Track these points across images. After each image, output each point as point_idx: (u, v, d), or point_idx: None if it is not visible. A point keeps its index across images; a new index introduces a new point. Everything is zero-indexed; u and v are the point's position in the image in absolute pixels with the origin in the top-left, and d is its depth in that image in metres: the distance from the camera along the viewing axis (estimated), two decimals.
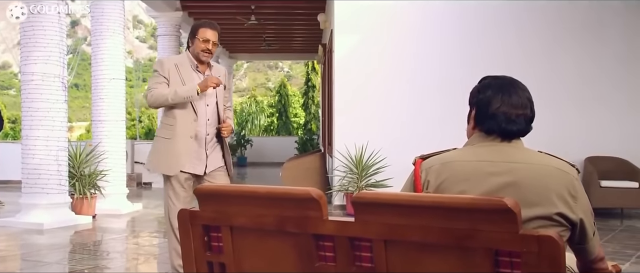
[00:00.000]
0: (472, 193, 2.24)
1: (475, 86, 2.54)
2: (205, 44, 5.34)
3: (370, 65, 10.75)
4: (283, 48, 23.63)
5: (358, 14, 10.83)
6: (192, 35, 5.41)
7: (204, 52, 5.36)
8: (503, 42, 10.71)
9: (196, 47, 5.36)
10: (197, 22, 5.59)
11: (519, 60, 10.39)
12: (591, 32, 10.74)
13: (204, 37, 5.34)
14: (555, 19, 10.76)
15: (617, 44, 10.74)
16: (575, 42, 10.75)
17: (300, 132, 32.50)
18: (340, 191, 10.29)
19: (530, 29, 10.76)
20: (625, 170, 10.21)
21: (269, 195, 2.06)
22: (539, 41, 10.71)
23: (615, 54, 10.78)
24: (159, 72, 5.33)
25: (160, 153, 5.39)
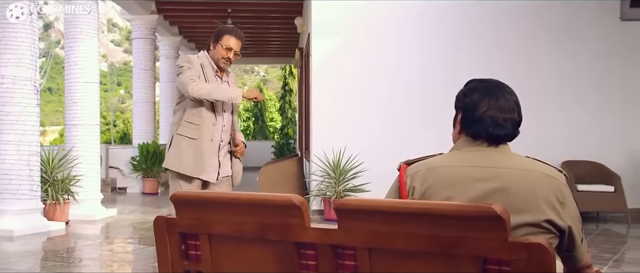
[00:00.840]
0: (459, 199, 2.19)
1: (461, 89, 2.49)
2: (227, 52, 5.20)
3: (348, 69, 10.69)
4: (260, 52, 23.56)
5: (336, 18, 10.77)
6: (215, 40, 5.24)
7: (224, 60, 5.22)
8: (482, 44, 10.70)
9: (217, 53, 5.21)
10: (223, 26, 5.47)
11: (499, 62, 10.39)
12: (568, 33, 10.77)
13: (227, 44, 5.20)
14: (533, 18, 10.77)
15: (593, 45, 10.78)
16: (552, 44, 10.76)
17: (276, 136, 32.44)
18: (318, 196, 10.22)
19: (509, 29, 10.76)
20: (601, 174, 10.24)
21: (249, 201, 1.99)
22: (518, 41, 10.72)
23: (592, 56, 10.82)
24: (188, 67, 5.14)
25: (186, 152, 5.18)
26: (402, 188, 2.35)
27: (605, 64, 10.79)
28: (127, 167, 15.28)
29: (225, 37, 5.20)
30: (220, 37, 5.21)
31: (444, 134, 11.14)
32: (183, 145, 5.19)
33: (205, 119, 5.14)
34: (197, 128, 5.15)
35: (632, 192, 10.29)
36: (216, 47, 5.21)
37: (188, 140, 5.17)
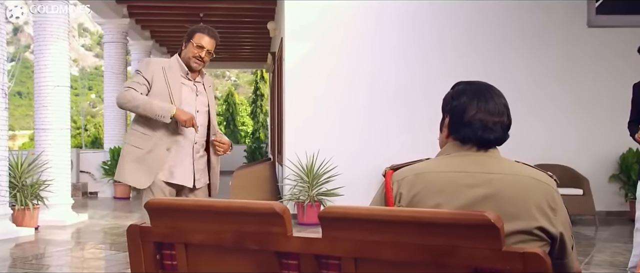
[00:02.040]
0: (448, 206, 2.10)
1: (449, 92, 2.40)
2: (198, 50, 4.92)
3: (321, 73, 10.64)
4: (231, 56, 23.43)
5: (309, 21, 10.72)
6: (187, 39, 5.00)
7: (196, 58, 4.93)
8: (457, 47, 10.75)
9: (188, 52, 4.95)
10: (195, 25, 5.17)
11: (473, 64, 10.45)
12: (538, 38, 10.87)
13: (199, 42, 4.94)
14: (505, 23, 10.86)
15: (561, 51, 10.89)
16: (524, 49, 10.86)
17: (248, 141, 32.36)
18: (291, 200, 10.15)
19: (483, 32, 10.82)
20: (570, 177, 10.25)
21: (227, 209, 1.89)
22: (491, 45, 10.79)
23: (561, 62, 10.93)
24: (141, 73, 4.87)
25: (132, 163, 4.86)
26: (388, 194, 2.24)
27: (573, 69, 10.93)
28: (98, 172, 15.11)
29: (197, 35, 4.97)
30: (192, 35, 4.99)
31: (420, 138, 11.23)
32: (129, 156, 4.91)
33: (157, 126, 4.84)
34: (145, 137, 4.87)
35: (599, 195, 10.43)
36: (187, 46, 4.98)
37: (134, 149, 4.89)
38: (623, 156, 10.75)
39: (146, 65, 4.96)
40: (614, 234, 9.45)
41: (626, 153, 10.70)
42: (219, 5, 15.42)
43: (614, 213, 10.76)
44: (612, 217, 10.71)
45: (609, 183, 10.91)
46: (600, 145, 10.84)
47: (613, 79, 10.78)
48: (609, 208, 10.77)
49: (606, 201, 10.69)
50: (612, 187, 10.92)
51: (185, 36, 5.04)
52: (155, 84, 4.85)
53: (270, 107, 21.11)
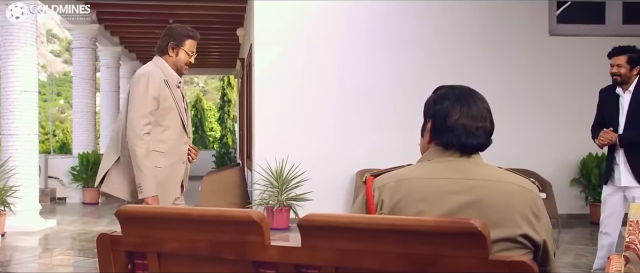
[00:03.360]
0: (431, 213, 2.05)
1: (430, 96, 2.34)
2: (190, 57, 4.76)
3: (291, 79, 10.58)
4: (200, 63, 23.24)
5: (279, 27, 10.67)
6: (176, 44, 4.72)
7: (188, 65, 4.78)
8: (427, 51, 10.77)
9: (180, 60, 4.71)
10: (183, 29, 4.83)
11: (442, 69, 10.48)
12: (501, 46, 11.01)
13: (191, 49, 4.74)
14: (472, 29, 10.91)
15: (525, 58, 11.02)
16: (488, 56, 10.94)
17: (216, 146, 32.28)
18: (261, 205, 10.09)
19: (452, 37, 10.86)
20: None
21: (201, 217, 1.81)
22: (460, 49, 10.84)
23: (524, 68, 11.04)
24: (151, 92, 4.51)
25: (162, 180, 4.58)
26: (369, 202, 2.17)
27: (536, 75, 11.07)
28: (67, 177, 14.91)
29: (189, 41, 4.75)
30: (182, 42, 4.73)
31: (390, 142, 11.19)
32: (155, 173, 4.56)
33: (170, 142, 4.64)
34: (162, 155, 4.60)
35: (561, 198, 10.56)
36: (179, 52, 4.72)
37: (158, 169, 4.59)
38: (583, 160, 10.91)
39: (152, 80, 4.57)
40: (576, 236, 9.58)
41: (586, 158, 10.87)
42: (188, 11, 15.29)
43: (576, 216, 10.91)
44: (573, 220, 10.86)
45: (571, 187, 11.05)
46: (562, 150, 10.99)
47: (574, 85, 10.94)
48: (570, 211, 10.90)
49: (568, 204, 10.84)
50: (573, 191, 11.07)
51: (171, 41, 4.75)
52: (162, 101, 4.59)
53: (239, 112, 21.01)
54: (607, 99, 5.95)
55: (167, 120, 4.61)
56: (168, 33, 4.80)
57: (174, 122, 4.65)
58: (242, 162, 15.50)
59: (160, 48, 4.78)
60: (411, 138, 10.21)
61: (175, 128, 4.66)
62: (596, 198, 10.41)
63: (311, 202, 9.89)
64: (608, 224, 5.96)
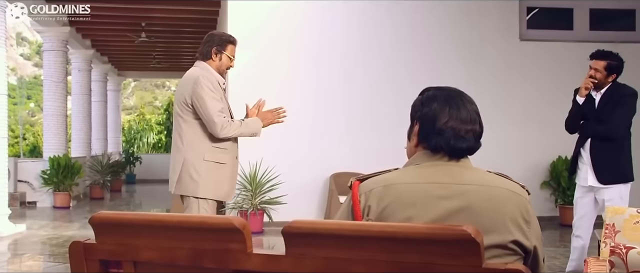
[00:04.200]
0: (420, 219, 1.98)
1: (418, 98, 2.28)
2: (231, 61, 5.06)
3: (265, 82, 10.49)
4: (173, 66, 23.11)
5: (252, 30, 10.58)
6: (219, 49, 5.01)
7: (229, 69, 5.11)
8: (404, 55, 10.77)
9: (224, 64, 5.03)
10: (224, 35, 5.19)
11: (417, 72, 10.48)
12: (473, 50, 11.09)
13: (232, 54, 5.07)
14: (444, 35, 10.97)
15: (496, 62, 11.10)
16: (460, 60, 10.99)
17: None
18: (235, 208, 9.98)
19: (424, 35, 10.86)
20: None
21: (180, 224, 1.73)
22: (433, 48, 10.84)
23: (495, 72, 11.12)
24: (214, 93, 4.85)
25: (216, 179, 4.89)
26: (355, 207, 2.09)
27: (507, 79, 11.19)
28: (37, 181, 14.68)
29: (230, 47, 5.06)
30: (224, 47, 5.02)
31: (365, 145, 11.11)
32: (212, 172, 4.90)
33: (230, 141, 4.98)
34: (225, 151, 4.95)
35: (532, 201, 10.42)
36: (222, 57, 5.02)
37: (216, 165, 4.91)
38: (553, 163, 11.00)
39: (211, 83, 4.86)
40: (546, 239, 9.60)
41: (556, 161, 10.95)
42: (161, 15, 15.14)
43: (545, 219, 10.91)
44: (543, 222, 10.77)
45: (541, 189, 11.10)
46: (532, 153, 11.10)
47: (544, 89, 11.05)
48: (540, 214, 10.91)
49: (538, 207, 10.85)
50: (543, 194, 11.13)
51: (214, 47, 5.02)
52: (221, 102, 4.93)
53: None
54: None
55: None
56: (210, 39, 5.10)
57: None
58: None
59: (204, 53, 5.05)
60: (386, 141, 10.26)
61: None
62: (565, 201, 10.58)
63: (285, 206, 9.84)
64: (580, 226, 6.00)
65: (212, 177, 4.89)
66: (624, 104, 5.73)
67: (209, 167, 4.87)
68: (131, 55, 20.71)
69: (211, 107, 4.81)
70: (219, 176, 4.90)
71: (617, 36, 11.30)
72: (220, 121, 4.79)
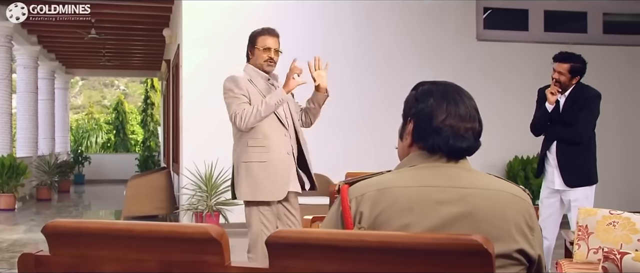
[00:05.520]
0: (419, 227, 1.78)
1: (411, 93, 2.08)
2: (267, 53, 4.91)
3: (220, 81, 10.18)
4: (123, 64, 22.69)
5: (208, 27, 10.35)
6: (251, 46, 5.02)
7: (268, 61, 4.93)
8: (362, 56, 10.64)
9: (258, 58, 4.95)
10: (255, 30, 5.09)
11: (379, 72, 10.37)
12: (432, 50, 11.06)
13: (264, 45, 4.92)
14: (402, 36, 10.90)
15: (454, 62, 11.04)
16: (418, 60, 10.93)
17: (138, 149, 31.70)
18: (190, 210, 9.77)
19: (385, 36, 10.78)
20: None
21: (149, 233, 1.52)
22: (394, 48, 10.76)
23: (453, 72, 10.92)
24: (234, 91, 4.85)
25: (259, 180, 4.79)
26: (345, 214, 1.87)
27: (464, 79, 10.93)
28: None
29: (260, 38, 4.96)
30: (254, 41, 4.98)
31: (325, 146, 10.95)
32: (254, 173, 4.82)
33: (270, 137, 4.84)
34: (263, 149, 4.83)
35: None
36: (254, 52, 4.98)
37: (257, 165, 4.82)
38: (510, 163, 10.96)
39: (235, 82, 4.92)
40: None
41: (513, 161, 10.91)
42: (110, 10, 14.77)
43: None
44: None
45: None
46: (489, 153, 10.90)
47: (500, 89, 11.06)
48: None
49: None
50: None
51: (248, 44, 5.06)
52: (252, 97, 4.85)
53: (164, 115, 20.55)
54: (545, 98, 5.92)
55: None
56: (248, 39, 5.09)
57: (269, 118, 4.83)
58: (168, 165, 15.09)
59: (246, 56, 5.14)
60: (349, 141, 10.13)
61: (271, 121, 4.85)
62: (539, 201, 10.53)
63: (242, 207, 9.55)
64: (546, 227, 5.92)
65: (253, 178, 4.84)
66: (589, 107, 5.73)
67: (248, 168, 4.85)
68: (80, 53, 20.22)
69: (229, 110, 4.90)
70: (260, 176, 4.82)
71: (570, 38, 11.36)
72: (234, 115, 4.81)
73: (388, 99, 9.61)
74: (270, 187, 4.81)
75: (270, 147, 4.81)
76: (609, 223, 4.07)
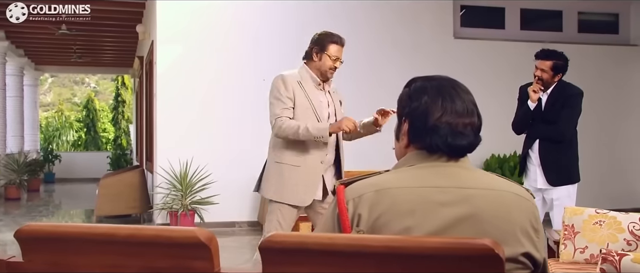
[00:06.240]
0: (421, 230, 1.66)
1: (404, 91, 1.98)
2: (334, 62, 4.85)
3: (195, 78, 10.11)
4: (94, 61, 22.41)
5: (183, 23, 10.18)
6: (319, 49, 4.87)
7: (332, 70, 4.87)
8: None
9: (324, 64, 4.85)
10: (325, 33, 4.98)
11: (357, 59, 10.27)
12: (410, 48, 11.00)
13: (335, 54, 4.87)
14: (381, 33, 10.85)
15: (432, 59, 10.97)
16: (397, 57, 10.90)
17: (109, 147, 31.45)
18: (164, 209, 9.60)
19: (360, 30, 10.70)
20: None
21: (132, 238, 1.40)
22: (370, 43, 10.70)
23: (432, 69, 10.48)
24: (282, 93, 4.85)
25: (288, 183, 4.77)
26: (343, 217, 1.75)
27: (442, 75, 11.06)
28: None
29: (332, 47, 4.87)
30: (325, 47, 4.86)
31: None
32: (284, 173, 4.82)
33: (309, 143, 4.80)
34: (300, 154, 4.82)
35: None
36: (322, 57, 4.86)
37: (289, 167, 4.83)
38: (487, 162, 10.92)
39: (284, 83, 4.91)
40: None
41: (489, 159, 10.89)
42: (83, 5, 14.55)
43: None
44: None
45: None
46: None
47: (477, 87, 10.57)
48: None
49: None
50: None
51: (315, 46, 4.93)
52: (297, 100, 4.85)
53: (136, 113, 20.33)
54: (527, 96, 5.87)
55: (302, 119, 4.80)
56: (314, 39, 4.98)
57: (310, 121, 4.79)
58: (141, 164, 14.90)
59: (306, 53, 5.01)
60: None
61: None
62: None
63: (218, 206, 9.49)
64: None
65: (283, 179, 4.83)
66: (571, 105, 5.69)
67: (280, 168, 4.86)
68: (50, 49, 19.89)
69: (271, 110, 4.98)
70: (291, 179, 4.80)
71: (546, 36, 11.41)
72: (275, 120, 4.86)
73: (368, 97, 9.54)
74: (298, 192, 4.80)
75: (306, 152, 4.80)
76: (596, 223, 4.02)
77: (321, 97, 4.93)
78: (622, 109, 11.72)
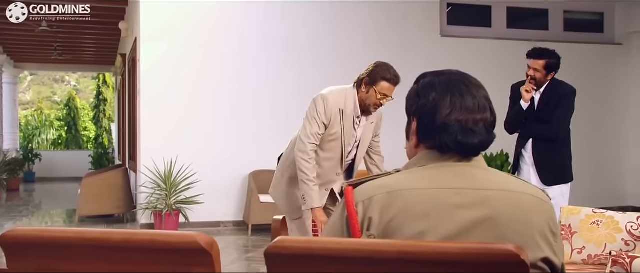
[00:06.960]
0: (436, 234, 1.57)
1: (412, 88, 1.87)
2: (381, 99, 4.59)
3: (179, 76, 10.00)
4: (75, 59, 22.21)
5: (167, 20, 10.06)
6: (369, 81, 4.64)
7: (377, 106, 4.63)
8: (327, 51, 10.48)
9: (370, 98, 4.61)
10: (381, 68, 4.73)
11: (345, 58, 10.22)
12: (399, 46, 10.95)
13: (383, 91, 4.58)
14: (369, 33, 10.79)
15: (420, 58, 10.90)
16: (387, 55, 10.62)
17: (91, 146, 31.26)
18: (148, 209, 9.48)
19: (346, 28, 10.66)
20: None
21: (126, 243, 1.30)
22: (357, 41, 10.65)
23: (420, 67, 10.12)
24: (320, 116, 4.63)
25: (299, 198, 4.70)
26: (352, 220, 1.64)
27: None
28: None
29: (383, 83, 4.60)
30: (376, 81, 4.61)
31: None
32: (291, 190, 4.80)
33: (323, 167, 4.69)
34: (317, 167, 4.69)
35: None
36: (370, 91, 4.61)
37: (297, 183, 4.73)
38: None
39: (326, 105, 4.67)
40: None
41: None
42: (65, 2, 14.39)
43: None
44: None
45: None
46: None
47: None
48: None
49: None
50: None
51: (369, 77, 4.67)
52: (331, 127, 4.67)
53: (119, 111, 20.16)
54: (519, 96, 5.80)
55: (329, 146, 4.71)
56: (369, 69, 4.77)
57: (334, 151, 4.73)
58: (124, 163, 14.75)
59: (358, 80, 4.78)
60: None
61: (334, 156, 4.75)
62: None
63: (202, 206, 9.40)
64: None
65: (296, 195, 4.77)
66: (564, 103, 5.64)
67: (293, 181, 4.78)
68: (30, 46, 19.70)
69: (305, 126, 4.71)
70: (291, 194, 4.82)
71: (533, 35, 11.44)
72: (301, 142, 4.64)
73: None
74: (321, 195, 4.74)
75: (322, 168, 4.73)
76: (593, 223, 3.96)
77: (353, 131, 4.81)
78: (606, 106, 11.78)
